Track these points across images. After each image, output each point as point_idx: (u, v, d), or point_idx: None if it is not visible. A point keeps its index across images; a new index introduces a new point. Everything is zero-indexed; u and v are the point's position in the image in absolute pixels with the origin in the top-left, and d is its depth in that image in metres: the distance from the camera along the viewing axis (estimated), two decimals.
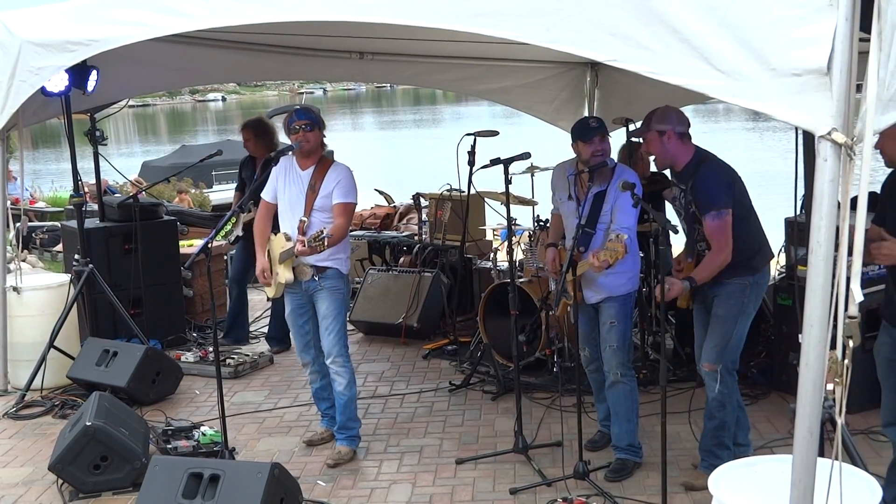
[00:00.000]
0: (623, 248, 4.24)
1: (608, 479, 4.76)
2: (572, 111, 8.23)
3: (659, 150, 4.46)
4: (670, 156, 4.46)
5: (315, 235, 4.77)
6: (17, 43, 5.59)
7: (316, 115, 5.11)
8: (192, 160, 14.17)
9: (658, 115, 4.44)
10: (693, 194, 4.41)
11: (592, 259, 4.38)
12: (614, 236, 4.34)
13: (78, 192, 6.80)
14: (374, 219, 10.95)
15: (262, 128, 7.11)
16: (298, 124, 5.01)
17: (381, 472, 5.06)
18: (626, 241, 4.28)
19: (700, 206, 4.37)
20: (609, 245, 4.31)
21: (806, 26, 2.77)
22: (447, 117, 52.75)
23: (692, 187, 4.41)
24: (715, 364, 4.44)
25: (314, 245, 4.77)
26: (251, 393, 6.49)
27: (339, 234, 4.96)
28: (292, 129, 5.03)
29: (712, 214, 4.31)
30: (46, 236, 12.90)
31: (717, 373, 4.43)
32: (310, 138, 5.03)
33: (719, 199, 4.31)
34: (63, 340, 6.49)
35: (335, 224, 4.99)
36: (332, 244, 4.88)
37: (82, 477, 4.78)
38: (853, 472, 2.96)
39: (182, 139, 39.95)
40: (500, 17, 3.45)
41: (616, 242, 4.26)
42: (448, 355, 7.11)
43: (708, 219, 4.32)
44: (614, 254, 4.26)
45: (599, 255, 4.32)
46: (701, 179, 4.38)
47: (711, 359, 4.46)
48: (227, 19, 4.42)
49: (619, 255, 4.25)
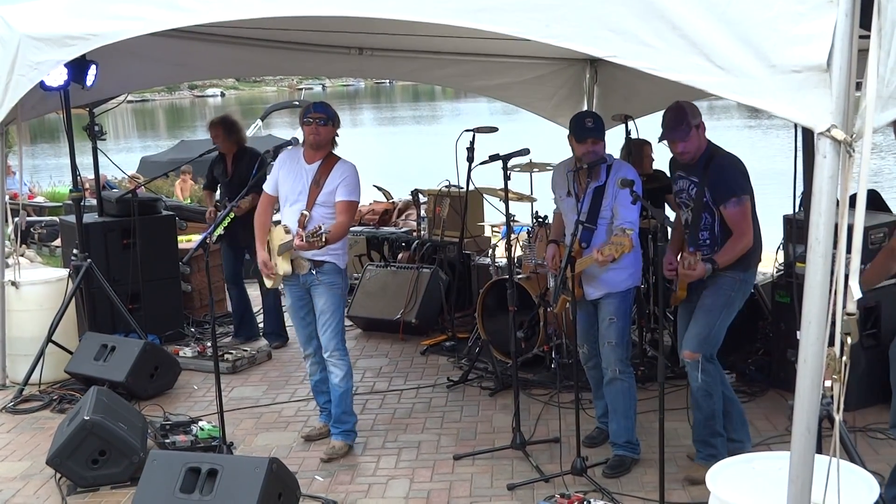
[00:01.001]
0: (629, 242, 4.24)
1: (606, 475, 4.76)
2: (571, 107, 8.21)
3: (696, 144, 4.48)
4: (702, 147, 4.50)
5: (313, 231, 4.76)
6: (16, 37, 5.57)
7: (333, 112, 5.11)
8: (190, 155, 14.17)
9: (690, 112, 4.44)
10: (709, 183, 4.43)
11: (597, 254, 4.37)
12: (620, 230, 4.33)
13: (77, 187, 6.81)
14: (373, 214, 10.94)
15: (230, 125, 7.20)
16: (313, 116, 5.02)
17: (379, 467, 5.06)
18: (632, 236, 4.28)
19: (720, 194, 4.40)
20: (614, 239, 4.30)
21: (806, 23, 2.76)
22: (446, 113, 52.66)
23: (708, 177, 4.43)
24: (696, 352, 4.47)
25: (312, 241, 4.76)
26: (249, 388, 6.48)
27: (339, 232, 4.96)
28: (306, 120, 5.04)
29: (734, 201, 4.36)
30: (45, 231, 12.87)
31: (698, 362, 4.46)
32: (321, 132, 5.03)
33: (739, 186, 4.39)
34: (61, 335, 6.49)
35: (337, 222, 4.98)
36: (331, 241, 4.87)
37: (80, 471, 4.78)
38: (851, 468, 2.96)
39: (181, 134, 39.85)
40: (500, 13, 3.44)
41: (622, 237, 4.26)
42: (446, 351, 7.11)
43: (730, 206, 4.37)
44: (620, 248, 4.25)
45: (604, 249, 4.32)
46: (718, 168, 4.43)
47: (693, 346, 4.48)
48: (226, 14, 4.41)
49: (626, 248, 4.25)
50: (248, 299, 7.59)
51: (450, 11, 3.59)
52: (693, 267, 4.27)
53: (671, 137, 4.48)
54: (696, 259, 4.28)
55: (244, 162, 7.01)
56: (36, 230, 12.91)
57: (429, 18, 3.68)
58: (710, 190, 4.44)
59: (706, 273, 4.35)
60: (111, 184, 15.16)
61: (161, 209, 7.98)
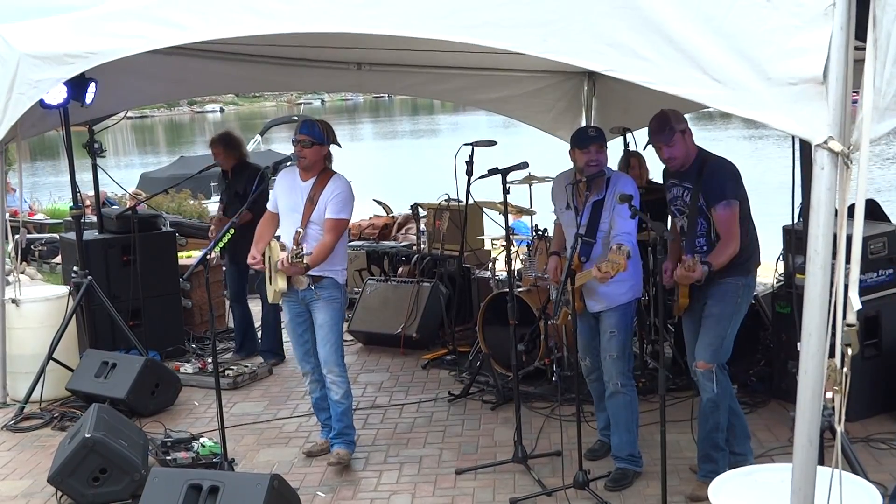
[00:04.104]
0: (625, 261, 4.24)
1: (608, 488, 4.75)
2: (570, 120, 8.25)
3: (683, 150, 4.50)
4: (691, 153, 4.52)
5: (295, 252, 4.78)
6: (16, 56, 5.60)
7: (320, 131, 5.04)
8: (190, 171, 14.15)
9: (673, 117, 4.46)
10: (703, 187, 4.45)
11: (595, 271, 4.38)
12: (615, 247, 4.33)
13: (77, 204, 6.82)
14: (373, 229, 10.95)
15: (229, 140, 7.29)
16: (297, 139, 5.03)
17: (381, 482, 5.05)
18: (629, 252, 4.28)
19: (711, 197, 4.41)
20: (611, 257, 4.30)
21: (801, 35, 2.78)
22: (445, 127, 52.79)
23: (702, 181, 4.45)
24: (710, 363, 4.46)
25: (294, 262, 4.79)
26: (250, 404, 6.48)
27: (322, 252, 4.93)
28: (293, 141, 5.05)
29: (723, 204, 4.37)
30: (45, 248, 12.88)
31: (712, 372, 4.44)
32: (306, 154, 5.02)
33: (729, 189, 4.40)
34: (62, 352, 6.48)
35: (321, 241, 4.97)
36: (314, 262, 4.89)
37: (81, 489, 4.77)
38: (853, 480, 2.96)
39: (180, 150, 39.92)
40: (497, 28, 3.46)
41: (618, 254, 4.26)
42: (447, 365, 7.10)
43: (719, 208, 4.38)
44: (616, 266, 4.25)
45: (602, 266, 4.32)
46: (711, 172, 4.45)
47: (707, 357, 4.47)
48: (225, 31, 4.43)
49: (622, 267, 4.25)
50: (250, 316, 7.59)
51: (447, 27, 3.61)
52: (693, 268, 4.27)
53: (655, 141, 4.52)
54: (696, 261, 4.29)
55: (243, 176, 7.03)
56: (36, 247, 12.92)
57: (427, 34, 3.70)
58: (704, 194, 4.46)
59: (703, 275, 4.36)
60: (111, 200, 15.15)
61: (161, 225, 7.99)
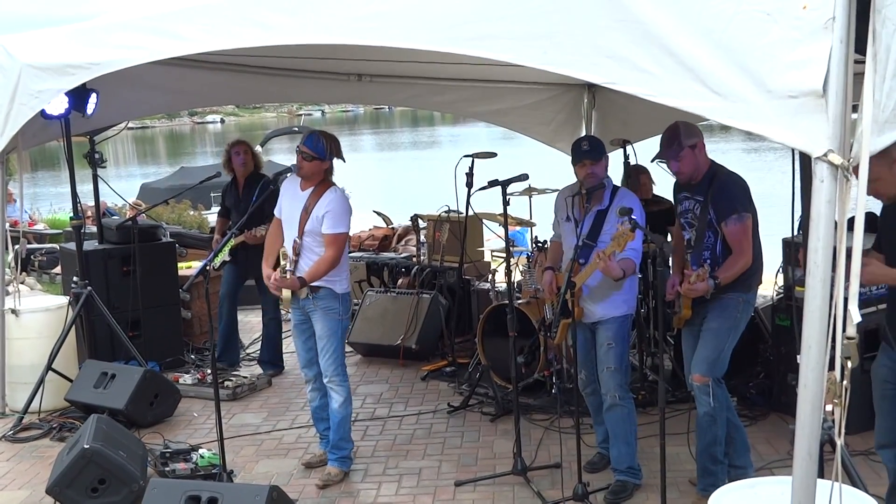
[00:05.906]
0: (632, 231, 4.21)
1: (607, 500, 4.74)
2: (570, 132, 8.25)
3: (693, 164, 4.50)
4: (701, 167, 4.51)
5: (282, 267, 4.91)
6: (18, 66, 5.61)
7: (323, 147, 5.03)
8: (191, 182, 14.21)
9: (684, 132, 4.46)
10: (713, 201, 4.44)
11: (597, 259, 4.38)
12: (620, 224, 4.33)
13: (77, 215, 6.82)
14: (373, 240, 10.95)
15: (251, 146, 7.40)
16: (300, 150, 5.06)
17: (380, 494, 5.04)
18: (635, 221, 4.23)
19: (722, 211, 4.41)
20: (615, 235, 4.30)
21: (801, 49, 2.78)
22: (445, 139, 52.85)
23: (712, 195, 4.44)
24: (706, 376, 4.45)
25: (283, 276, 4.91)
26: (249, 415, 6.47)
27: (323, 267, 4.99)
28: (297, 149, 5.09)
29: (734, 218, 4.37)
30: (45, 258, 12.88)
31: (708, 386, 4.44)
32: (305, 167, 5.05)
33: (740, 203, 4.40)
34: (61, 363, 6.48)
35: (323, 256, 5.01)
36: (314, 276, 4.97)
37: (80, 500, 4.75)
38: (853, 493, 2.95)
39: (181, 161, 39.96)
40: (498, 40, 3.47)
41: (622, 228, 4.25)
42: (446, 377, 7.10)
43: (730, 222, 4.38)
44: (623, 238, 4.23)
45: (606, 249, 4.32)
46: (721, 186, 4.45)
47: (703, 370, 4.47)
48: (226, 43, 4.44)
49: (630, 237, 4.22)
50: (235, 323, 7.58)
51: (449, 39, 3.62)
52: (702, 277, 4.26)
53: (662, 157, 4.53)
54: (705, 271, 4.28)
55: (255, 188, 7.01)
56: (36, 257, 12.92)
57: (428, 46, 3.71)
58: (714, 207, 4.46)
59: (710, 290, 4.35)
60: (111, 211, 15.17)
61: (161, 236, 8.00)
